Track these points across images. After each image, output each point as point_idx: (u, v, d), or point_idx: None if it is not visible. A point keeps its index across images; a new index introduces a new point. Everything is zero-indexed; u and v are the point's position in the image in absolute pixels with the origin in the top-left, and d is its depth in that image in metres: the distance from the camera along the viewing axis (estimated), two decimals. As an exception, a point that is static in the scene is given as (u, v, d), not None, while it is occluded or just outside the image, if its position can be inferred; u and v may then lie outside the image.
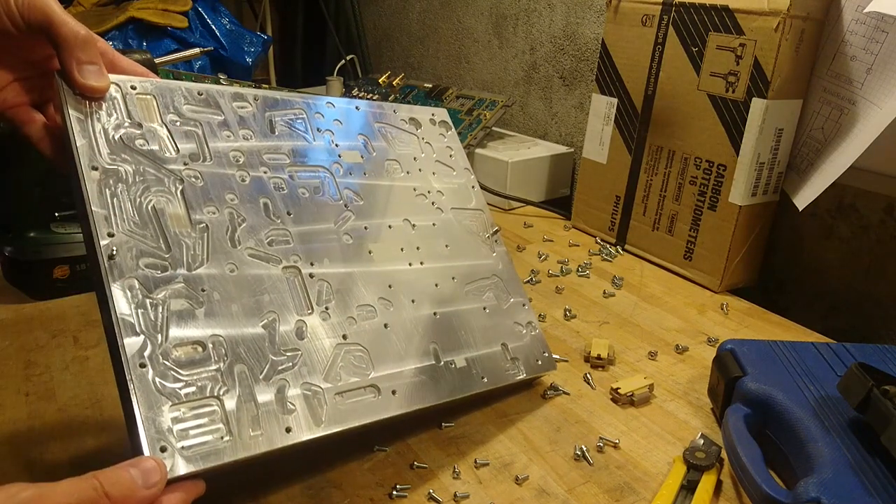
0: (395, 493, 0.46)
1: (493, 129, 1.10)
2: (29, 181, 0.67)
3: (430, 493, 0.46)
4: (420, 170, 0.59)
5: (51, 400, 0.53)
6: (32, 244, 0.67)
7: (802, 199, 0.74)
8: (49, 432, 0.50)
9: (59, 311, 0.66)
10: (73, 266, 0.68)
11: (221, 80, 1.00)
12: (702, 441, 0.50)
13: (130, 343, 0.37)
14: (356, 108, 0.57)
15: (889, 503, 0.40)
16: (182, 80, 0.96)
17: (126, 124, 0.43)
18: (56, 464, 0.47)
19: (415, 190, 0.57)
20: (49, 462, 0.47)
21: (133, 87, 0.44)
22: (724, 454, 0.49)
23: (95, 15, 1.19)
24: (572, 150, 1.09)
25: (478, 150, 1.04)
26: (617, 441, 0.52)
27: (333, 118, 0.55)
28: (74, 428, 0.51)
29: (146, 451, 0.34)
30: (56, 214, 0.69)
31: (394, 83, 1.25)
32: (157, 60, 0.64)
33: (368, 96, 1.26)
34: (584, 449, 0.50)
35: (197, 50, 0.82)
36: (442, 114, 0.64)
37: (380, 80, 1.27)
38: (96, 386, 0.55)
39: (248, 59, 1.21)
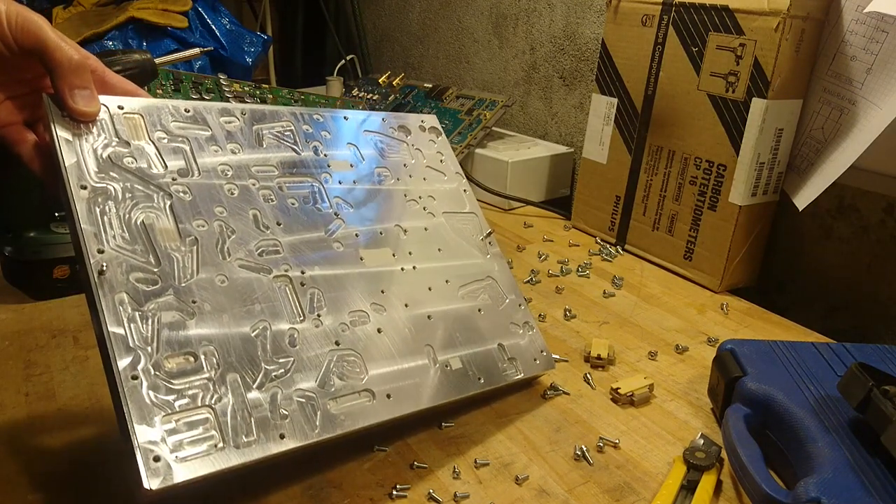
0: (395, 492, 0.46)
1: (493, 129, 1.10)
2: (29, 181, 0.67)
3: (430, 492, 0.46)
4: (410, 176, 0.59)
5: (51, 400, 0.53)
6: (32, 244, 0.67)
7: (802, 199, 0.74)
8: (49, 432, 0.50)
9: (59, 311, 0.66)
10: (73, 266, 0.68)
11: (221, 80, 1.00)
12: (702, 441, 0.50)
13: (122, 356, 0.37)
14: (345, 118, 0.58)
15: (889, 503, 0.40)
16: (182, 80, 0.96)
17: (114, 143, 0.44)
18: (56, 464, 0.47)
19: (405, 196, 0.58)
20: (49, 462, 0.47)
21: (120, 107, 0.45)
22: (724, 454, 0.49)
23: (95, 15, 1.19)
24: (572, 150, 1.09)
25: (478, 150, 1.04)
26: (617, 441, 0.52)
27: (322, 129, 0.55)
28: (74, 428, 0.51)
29: (140, 461, 0.35)
30: (56, 214, 0.69)
31: (394, 83, 1.25)
32: (157, 60, 0.64)
33: (368, 96, 1.26)
34: (584, 449, 0.50)
35: (197, 50, 0.82)
36: (431, 120, 0.64)
37: (380, 80, 1.27)
38: (96, 386, 0.55)
39: (248, 59, 1.21)
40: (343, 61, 1.54)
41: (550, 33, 1.13)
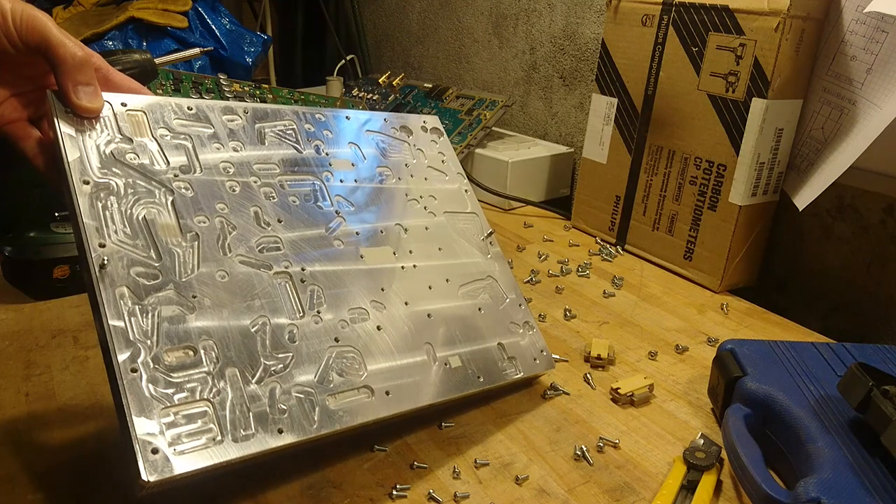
0: (395, 492, 0.46)
1: (493, 129, 1.10)
2: (29, 181, 0.67)
3: (430, 493, 0.46)
4: (412, 175, 0.59)
5: (51, 400, 0.53)
6: (32, 244, 0.67)
7: (802, 199, 0.74)
8: (49, 432, 0.50)
9: (59, 311, 0.66)
10: (73, 266, 0.68)
11: (221, 80, 1.00)
12: (702, 441, 0.50)
13: (122, 350, 0.38)
14: (346, 117, 0.58)
15: (889, 503, 0.40)
16: (182, 80, 0.96)
17: (117, 139, 0.44)
18: (56, 464, 0.47)
19: (407, 195, 0.58)
20: (49, 463, 0.47)
21: (124, 104, 0.46)
22: (724, 454, 0.49)
23: (95, 15, 1.19)
24: (572, 150, 1.09)
25: (478, 150, 1.04)
26: (617, 441, 0.52)
27: (324, 128, 0.56)
28: (74, 428, 0.51)
29: (138, 453, 0.35)
30: (56, 214, 0.69)
31: (394, 83, 1.25)
32: (157, 60, 0.64)
33: (368, 96, 1.26)
34: (584, 449, 0.50)
35: (197, 50, 0.82)
36: (433, 121, 0.65)
37: (380, 80, 1.27)
38: (96, 386, 0.55)
39: (248, 59, 1.21)
40: (343, 61, 1.54)
41: (550, 33, 1.13)
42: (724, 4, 0.73)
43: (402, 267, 0.54)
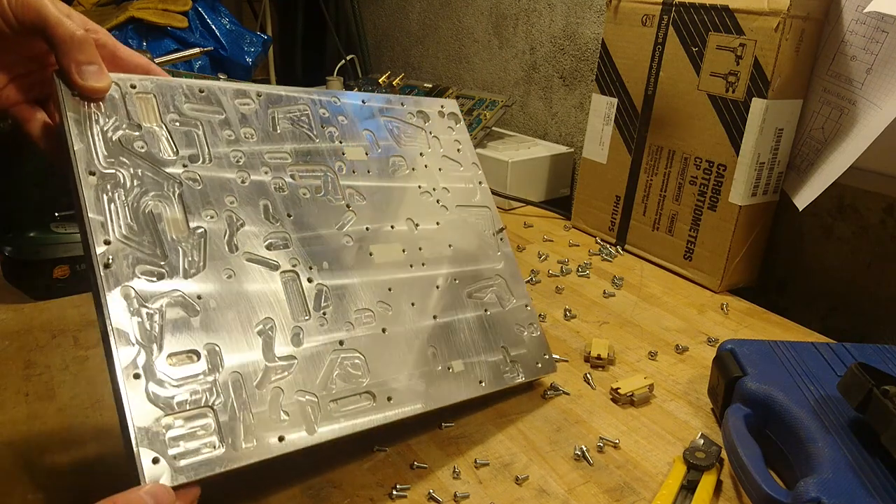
0: (395, 492, 0.46)
1: (493, 129, 1.10)
2: (28, 181, 0.67)
3: (430, 493, 0.46)
4: (426, 166, 0.58)
5: (51, 400, 0.53)
6: (32, 244, 0.67)
7: (802, 199, 0.74)
8: (49, 433, 0.50)
9: (59, 311, 0.66)
10: (73, 266, 0.68)
11: (221, 80, 1.00)
12: (702, 441, 0.50)
13: (124, 353, 0.37)
14: (362, 101, 0.56)
15: (889, 503, 0.40)
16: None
17: (125, 126, 0.43)
18: (56, 464, 0.47)
19: (420, 188, 0.57)
20: (49, 463, 0.47)
21: (133, 86, 0.44)
22: (724, 454, 0.49)
23: (95, 15, 1.19)
24: (572, 150, 1.09)
25: (478, 150, 1.04)
26: (617, 441, 0.52)
27: (338, 114, 0.54)
28: (74, 428, 0.51)
29: (139, 462, 0.34)
30: (56, 214, 0.69)
31: (394, 83, 1.25)
32: (157, 60, 0.64)
33: (368, 96, 1.26)
34: (584, 449, 0.50)
35: (197, 50, 0.82)
36: (451, 105, 0.63)
37: (380, 80, 1.27)
38: (96, 386, 0.55)
39: (248, 59, 1.21)
40: (343, 61, 1.54)
41: (550, 33, 1.13)
42: (724, 4, 0.73)
43: (411, 266, 0.53)
